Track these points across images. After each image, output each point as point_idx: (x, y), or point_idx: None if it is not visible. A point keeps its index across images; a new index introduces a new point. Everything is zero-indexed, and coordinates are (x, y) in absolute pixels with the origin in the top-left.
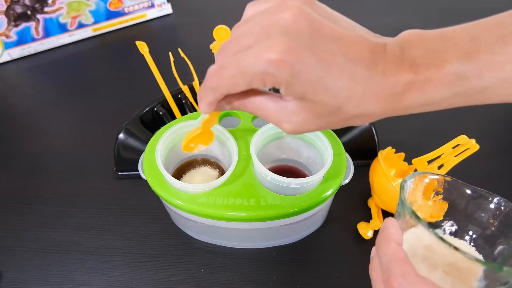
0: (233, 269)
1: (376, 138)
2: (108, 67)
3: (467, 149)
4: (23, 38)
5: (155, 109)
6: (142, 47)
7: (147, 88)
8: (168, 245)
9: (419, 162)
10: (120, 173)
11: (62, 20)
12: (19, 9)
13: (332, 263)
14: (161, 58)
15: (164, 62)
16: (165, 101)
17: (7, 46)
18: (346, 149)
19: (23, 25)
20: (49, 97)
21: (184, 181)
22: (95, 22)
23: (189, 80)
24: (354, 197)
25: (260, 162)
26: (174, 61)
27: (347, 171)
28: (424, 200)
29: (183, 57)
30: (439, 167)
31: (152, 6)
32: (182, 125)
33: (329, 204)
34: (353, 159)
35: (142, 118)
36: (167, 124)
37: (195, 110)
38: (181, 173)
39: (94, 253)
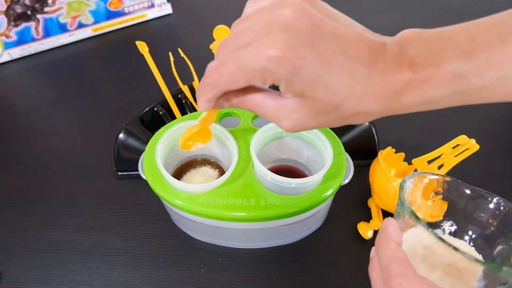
0: (233, 269)
1: (376, 138)
2: (108, 67)
3: (467, 149)
4: (23, 38)
5: (155, 109)
6: (142, 47)
7: (147, 88)
8: (168, 245)
9: (419, 162)
10: (120, 173)
11: (62, 20)
12: (19, 9)
13: (332, 263)
14: (161, 58)
15: (164, 62)
16: (165, 101)
17: (7, 46)
18: (346, 149)
19: (23, 25)
20: (49, 97)
21: (184, 181)
22: (95, 22)
23: (189, 80)
24: (354, 197)
25: (260, 162)
26: (174, 61)
27: (347, 171)
28: (423, 200)
29: (183, 57)
30: (439, 167)
31: (152, 6)
32: (182, 125)
33: (329, 204)
34: (353, 159)
35: (142, 118)
36: (167, 124)
37: (195, 110)
38: (181, 173)
39: (94, 253)
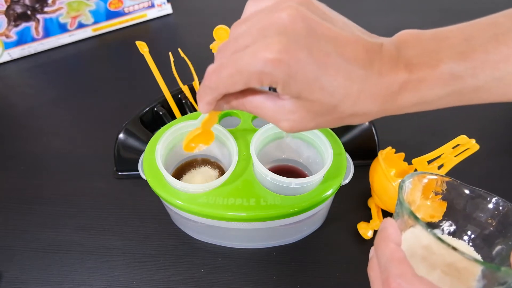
0: (233, 269)
1: (376, 138)
2: (108, 67)
3: (467, 149)
4: (23, 38)
5: (155, 109)
6: (142, 47)
7: (147, 88)
8: (168, 245)
9: (419, 162)
10: (120, 173)
11: (62, 20)
12: (19, 9)
13: (332, 263)
14: (161, 58)
15: (164, 62)
16: (165, 101)
17: (7, 46)
18: (346, 149)
19: (23, 25)
20: (49, 97)
21: (184, 181)
22: (95, 22)
23: (189, 80)
24: (354, 197)
25: (260, 162)
26: (174, 61)
27: (347, 171)
28: (422, 200)
29: (183, 57)
30: (439, 167)
31: (152, 6)
32: (182, 125)
33: (329, 204)
34: (353, 159)
35: (142, 118)
36: (167, 124)
37: (195, 110)
38: (181, 173)
39: (94, 253)
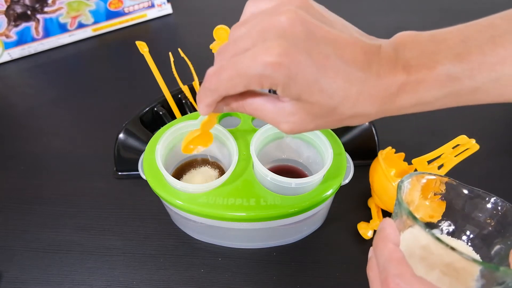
0: (233, 269)
1: (376, 138)
2: (108, 67)
3: (467, 149)
4: (23, 38)
5: (155, 109)
6: (142, 47)
7: (147, 88)
8: (168, 245)
9: (419, 162)
10: (120, 173)
11: (62, 20)
12: (19, 9)
13: (332, 263)
14: (161, 58)
15: (164, 62)
16: (165, 101)
17: (7, 46)
18: (346, 149)
19: (23, 25)
20: (49, 97)
21: (184, 181)
22: (95, 22)
23: (189, 80)
24: (354, 197)
25: (260, 162)
26: (174, 61)
27: (347, 171)
28: (421, 200)
29: (183, 57)
30: (439, 167)
31: (152, 6)
32: (182, 125)
33: (329, 204)
34: (353, 159)
35: (142, 118)
36: (167, 124)
37: (195, 110)
38: (181, 173)
39: (94, 253)
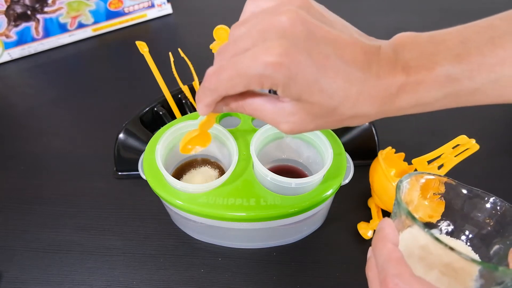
0: (233, 269)
1: (376, 138)
2: (108, 67)
3: (467, 149)
4: (23, 38)
5: (155, 109)
6: (142, 47)
7: (147, 88)
8: (168, 245)
9: (419, 162)
10: (120, 173)
11: (62, 20)
12: (19, 9)
13: (332, 263)
14: (161, 58)
15: (164, 62)
16: (165, 101)
17: (7, 46)
18: (346, 149)
19: (23, 25)
20: (49, 97)
21: (184, 181)
22: (95, 22)
23: (189, 80)
24: (354, 197)
25: (260, 162)
26: (174, 61)
27: (347, 171)
28: (420, 200)
29: (183, 57)
30: (439, 167)
31: (152, 6)
32: (182, 125)
33: (329, 204)
34: (353, 159)
35: (142, 118)
36: (167, 124)
37: (195, 110)
38: (181, 173)
39: (94, 253)
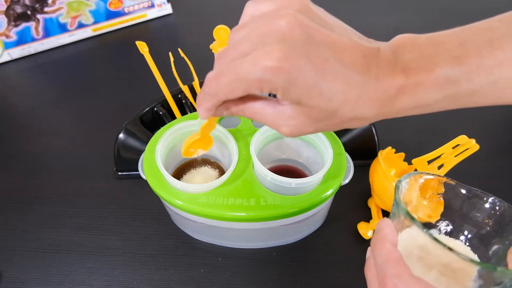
0: (233, 269)
1: (376, 138)
2: (108, 67)
3: (467, 149)
4: (23, 38)
5: (155, 109)
6: (142, 47)
7: (147, 88)
8: (168, 245)
9: (419, 162)
10: (120, 173)
11: (62, 20)
12: (19, 9)
13: (332, 263)
14: (161, 58)
15: (164, 62)
16: (165, 101)
17: (7, 46)
18: (346, 149)
19: (23, 25)
20: (49, 97)
21: (184, 181)
22: (95, 22)
23: (189, 80)
24: (354, 197)
25: (260, 162)
26: (174, 61)
27: (347, 171)
28: (420, 200)
29: (183, 57)
30: (439, 167)
31: (152, 6)
32: (182, 125)
33: (329, 204)
34: (353, 159)
35: (142, 118)
36: (167, 124)
37: (195, 110)
38: (181, 173)
39: (94, 253)
